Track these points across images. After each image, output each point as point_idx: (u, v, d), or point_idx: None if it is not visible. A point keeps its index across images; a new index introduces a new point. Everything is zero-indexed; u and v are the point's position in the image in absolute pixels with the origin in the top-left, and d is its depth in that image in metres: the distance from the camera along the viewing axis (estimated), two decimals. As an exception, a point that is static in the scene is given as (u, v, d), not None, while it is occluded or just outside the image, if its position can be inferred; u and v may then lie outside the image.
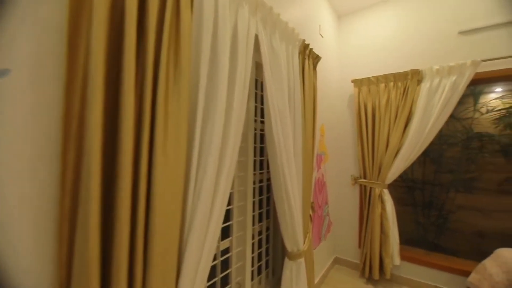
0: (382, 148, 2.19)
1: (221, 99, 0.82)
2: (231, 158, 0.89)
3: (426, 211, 2.87)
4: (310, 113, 1.61)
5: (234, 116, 0.88)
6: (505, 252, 1.59)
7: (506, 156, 2.56)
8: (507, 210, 2.57)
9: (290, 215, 1.30)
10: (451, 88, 1.92)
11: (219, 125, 0.81)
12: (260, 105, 1.49)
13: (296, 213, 1.32)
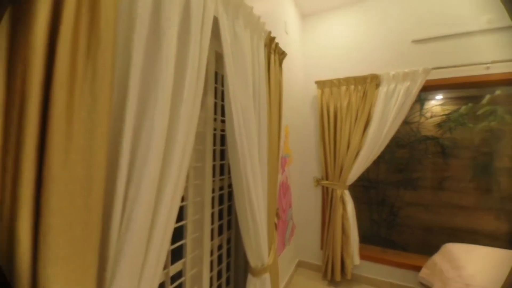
0: (344, 150, 2.20)
1: (163, 92, 0.61)
2: (180, 165, 0.69)
3: (380, 209, 3.06)
4: (276, 113, 1.48)
5: (183, 113, 0.68)
6: (452, 248, 1.71)
7: (445, 157, 2.87)
8: (445, 206, 2.88)
9: (253, 227, 1.15)
10: (405, 93, 2.02)
11: (160, 125, 0.60)
12: (221, 101, 1.31)
13: (260, 224, 1.17)
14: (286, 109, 2.06)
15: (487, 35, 1.90)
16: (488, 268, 1.41)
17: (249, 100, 1.09)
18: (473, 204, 2.80)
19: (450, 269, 1.55)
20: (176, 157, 0.66)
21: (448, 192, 2.90)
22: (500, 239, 2.61)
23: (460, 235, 2.75)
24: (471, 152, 2.78)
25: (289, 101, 2.17)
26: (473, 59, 1.90)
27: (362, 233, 2.89)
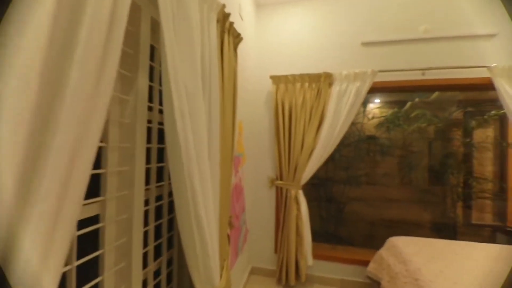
0: (298, 148, 2.13)
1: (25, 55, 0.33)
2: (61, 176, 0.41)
3: (328, 206, 3.17)
4: (230, 104, 1.26)
5: (71, 89, 0.40)
6: (397, 242, 1.80)
7: (383, 155, 3.14)
8: (383, 200, 3.17)
9: (201, 244, 0.90)
10: (356, 93, 2.07)
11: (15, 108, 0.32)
12: (159, 85, 1.01)
13: (210, 240, 0.93)
14: (239, 104, 1.86)
15: (424, 43, 2.09)
16: (431, 260, 1.50)
17: (196, 82, 0.84)
18: (404, 197, 3.16)
19: (397, 264, 1.61)
20: (57, 163, 0.37)
21: (385, 187, 3.20)
22: (425, 227, 3.01)
23: (396, 226, 3.05)
24: (404, 151, 3.13)
25: (242, 95, 1.97)
26: (412, 65, 2.06)
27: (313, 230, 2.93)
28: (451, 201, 2.88)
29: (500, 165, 2.93)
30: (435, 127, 3.00)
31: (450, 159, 2.93)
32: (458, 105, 3.07)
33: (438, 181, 3.00)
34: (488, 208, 2.99)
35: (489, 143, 2.95)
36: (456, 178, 2.92)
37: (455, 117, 3.07)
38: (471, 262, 1.48)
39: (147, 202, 0.98)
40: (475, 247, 1.71)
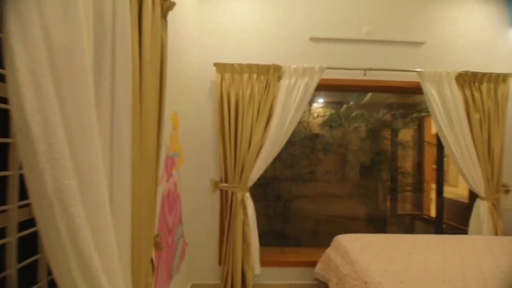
0: (245, 146, 1.92)
1: None
2: None
3: (275, 204, 3.08)
4: (154, 88, 0.94)
5: None
6: (342, 240, 1.77)
7: (326, 153, 3.23)
8: (327, 196, 3.26)
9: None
10: (304, 89, 1.98)
11: None
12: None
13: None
14: (175, 92, 1.52)
15: (366, 44, 2.15)
16: (375, 257, 1.49)
17: (74, 38, 0.50)
18: (343, 193, 3.33)
19: (344, 264, 1.56)
20: None
21: (327, 184, 3.31)
22: (362, 220, 3.23)
23: (338, 221, 3.18)
24: (344, 149, 3.29)
25: (182, 81, 1.64)
26: (356, 65, 2.09)
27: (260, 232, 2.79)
28: (382, 195, 3.16)
29: (419, 161, 3.37)
30: (368, 127, 3.24)
31: (381, 156, 3.21)
32: (387, 108, 3.41)
33: (372, 176, 3.25)
34: (410, 199, 3.42)
35: (411, 142, 3.37)
36: (386, 173, 3.22)
37: (385, 118, 3.40)
38: (409, 255, 1.53)
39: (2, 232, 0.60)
40: (408, 239, 1.81)
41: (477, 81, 2.09)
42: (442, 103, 2.07)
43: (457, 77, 2.06)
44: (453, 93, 2.06)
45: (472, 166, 2.05)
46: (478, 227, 2.06)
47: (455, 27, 2.23)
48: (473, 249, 1.66)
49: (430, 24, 2.20)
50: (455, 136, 2.06)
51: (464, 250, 1.63)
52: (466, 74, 2.06)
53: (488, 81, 2.09)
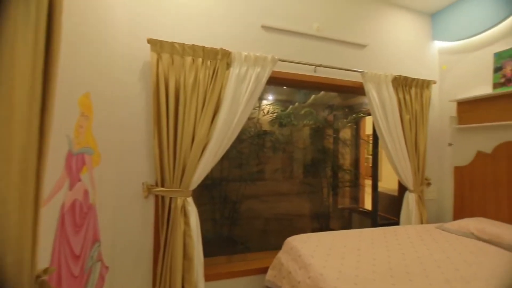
0: (187, 142, 1.62)
1: None
2: None
3: (222, 207, 2.83)
4: (30, 44, 0.58)
5: None
6: (294, 243, 1.65)
7: (275, 151, 3.15)
8: (276, 194, 3.19)
9: None
10: (256, 80, 1.79)
11: None
12: None
13: None
14: (88, 67, 1.11)
15: (317, 41, 2.11)
16: (327, 258, 1.41)
17: None
18: (291, 190, 3.33)
19: (298, 270, 1.44)
20: None
21: (276, 182, 3.24)
22: (309, 216, 3.28)
23: (287, 219, 3.14)
24: (292, 147, 3.28)
25: (97, 55, 1.22)
26: (307, 60, 2.03)
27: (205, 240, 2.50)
28: (326, 191, 3.28)
29: (356, 158, 3.65)
30: (315, 126, 3.32)
31: (325, 154, 3.33)
32: (329, 109, 3.58)
33: (317, 173, 3.35)
34: (348, 194, 3.68)
35: (350, 140, 3.61)
36: (329, 170, 3.36)
37: (328, 118, 3.55)
38: (357, 252, 1.52)
39: None
40: (354, 235, 1.83)
41: (408, 85, 2.30)
42: (381, 103, 2.20)
43: (393, 80, 2.23)
44: (390, 95, 2.21)
45: (404, 161, 2.24)
46: (407, 217, 2.28)
47: (392, 34, 2.42)
48: (408, 238, 1.78)
49: (372, 29, 2.33)
50: (390, 134, 2.22)
51: (402, 240, 1.73)
52: (400, 78, 2.24)
53: (416, 86, 2.33)
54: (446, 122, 2.48)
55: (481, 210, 2.11)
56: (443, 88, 2.52)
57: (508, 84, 1.95)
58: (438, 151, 2.53)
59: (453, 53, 2.44)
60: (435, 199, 2.52)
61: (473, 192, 2.20)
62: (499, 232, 1.67)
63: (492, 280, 1.21)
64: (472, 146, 2.23)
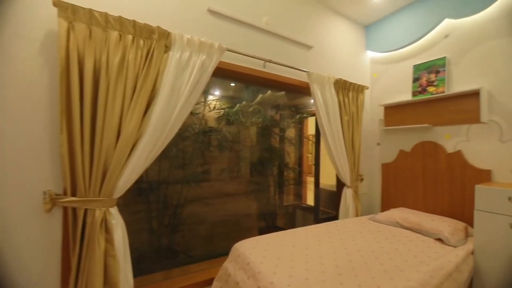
0: (110, 139, 1.29)
1: None
2: None
3: (161, 214, 2.48)
4: None
5: None
6: (241, 249, 1.52)
7: (222, 150, 2.97)
8: (223, 196, 3.00)
9: None
10: (201, 69, 1.58)
11: None
12: None
13: None
14: None
15: (266, 35, 2.03)
16: (277, 263, 1.32)
17: None
18: (239, 190, 3.20)
19: (246, 280, 1.31)
20: None
21: (222, 183, 3.06)
22: (256, 216, 3.21)
23: (234, 220, 2.99)
24: (239, 145, 3.15)
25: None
26: (256, 54, 1.92)
27: (138, 253, 2.14)
28: (273, 189, 3.29)
29: (299, 156, 3.79)
30: (263, 124, 3.29)
31: (272, 152, 3.34)
32: (275, 109, 3.61)
33: (264, 172, 3.32)
34: (292, 191, 3.79)
35: (294, 139, 3.73)
36: (276, 168, 3.38)
37: (275, 117, 3.58)
38: (305, 251, 1.49)
39: None
40: (301, 233, 1.83)
41: (347, 88, 2.46)
42: (324, 103, 2.29)
43: (334, 82, 2.34)
44: (332, 96, 2.32)
45: (343, 159, 2.39)
46: (345, 211, 2.44)
47: (334, 39, 2.55)
48: (348, 232, 1.87)
49: (317, 32, 2.40)
50: (332, 133, 2.33)
51: (343, 235, 1.81)
52: (340, 81, 2.37)
53: (353, 90, 2.51)
54: (376, 124, 2.77)
55: (403, 201, 2.43)
56: (373, 94, 2.81)
57: (423, 93, 2.28)
58: (369, 150, 2.81)
59: (382, 63, 2.75)
60: (366, 193, 2.79)
61: (396, 186, 2.51)
62: (418, 220, 1.91)
63: (420, 267, 1.34)
64: (396, 145, 2.55)
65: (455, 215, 2.00)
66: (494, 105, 1.85)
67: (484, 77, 1.91)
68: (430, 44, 2.28)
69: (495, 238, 1.49)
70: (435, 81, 2.20)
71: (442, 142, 2.17)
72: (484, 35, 1.93)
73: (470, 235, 1.80)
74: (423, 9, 2.29)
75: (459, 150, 2.05)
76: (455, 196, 2.04)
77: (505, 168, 1.78)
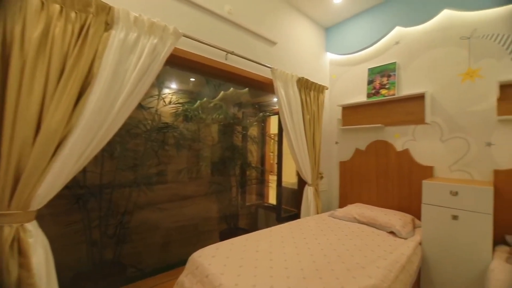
0: (25, 135, 1.00)
1: None
2: None
3: (104, 223, 2.13)
4: None
5: None
6: (200, 259, 1.36)
7: (179, 149, 2.71)
8: (181, 199, 2.74)
9: None
10: (151, 54, 1.36)
11: None
12: None
13: None
14: None
15: (228, 25, 1.88)
16: (240, 273, 1.21)
17: None
18: (199, 192, 2.98)
19: (205, 296, 1.16)
20: None
21: (181, 185, 2.81)
22: (218, 218, 3.03)
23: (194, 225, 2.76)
24: (200, 144, 2.93)
25: None
26: (218, 43, 1.77)
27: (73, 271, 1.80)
28: (235, 189, 3.16)
29: (262, 155, 3.75)
30: (224, 122, 3.13)
31: (234, 151, 3.21)
32: (237, 107, 3.49)
33: (226, 171, 3.17)
34: (255, 190, 3.72)
35: (257, 138, 3.66)
36: (239, 168, 3.26)
37: (237, 116, 3.45)
38: (269, 255, 1.41)
39: None
40: (264, 235, 1.75)
41: (308, 88, 2.48)
42: (288, 101, 2.25)
43: (297, 81, 2.32)
44: (295, 94, 2.30)
45: (305, 157, 2.40)
46: (307, 208, 2.46)
47: (297, 38, 2.54)
48: (310, 231, 1.86)
49: (281, 28, 2.35)
50: (295, 132, 2.31)
51: (306, 234, 1.78)
52: (303, 79, 2.37)
53: (314, 89, 2.54)
54: (334, 124, 2.87)
55: (359, 196, 2.55)
56: (332, 94, 2.91)
57: (377, 95, 2.42)
58: (328, 148, 2.90)
59: (340, 65, 2.85)
60: (326, 190, 2.87)
61: (353, 182, 2.63)
62: (373, 215, 2.01)
63: (379, 262, 1.37)
64: (352, 144, 2.67)
65: (403, 208, 2.17)
66: (436, 108, 2.05)
67: (428, 82, 2.11)
68: (383, 50, 2.44)
69: (440, 229, 1.63)
70: (387, 84, 2.36)
71: (392, 141, 2.33)
72: (428, 43, 2.12)
73: (417, 226, 1.96)
74: (378, 16, 2.43)
75: (406, 148, 2.23)
76: (403, 191, 2.21)
77: (445, 164, 1.99)
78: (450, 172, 1.97)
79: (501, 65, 1.73)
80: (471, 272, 1.50)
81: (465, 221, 1.53)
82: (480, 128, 1.83)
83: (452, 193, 1.59)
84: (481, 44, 1.83)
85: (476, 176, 1.84)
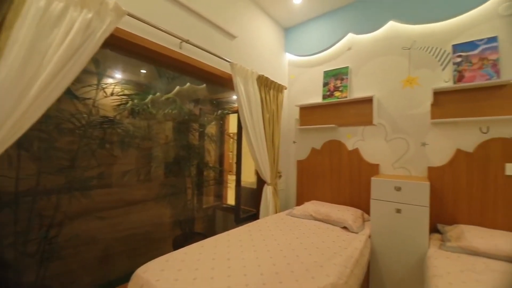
0: None
1: None
2: None
3: (21, 239, 1.72)
4: None
5: None
6: (148, 275, 1.17)
7: (125, 148, 2.38)
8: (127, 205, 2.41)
9: None
10: (85, 31, 1.12)
11: None
12: None
13: None
14: None
15: (184, 11, 1.71)
16: (195, 283, 1.07)
17: None
18: (148, 196, 2.67)
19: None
20: None
21: (126, 189, 2.47)
22: (170, 224, 2.77)
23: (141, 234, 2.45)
24: (150, 142, 2.64)
25: None
26: (172, 29, 1.58)
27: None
28: (191, 191, 2.95)
29: (220, 154, 3.60)
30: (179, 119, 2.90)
31: (190, 150, 3.00)
32: (194, 103, 3.28)
33: (181, 172, 2.94)
34: (213, 191, 3.55)
35: (215, 137, 3.50)
36: (195, 168, 3.06)
37: (194, 112, 3.24)
38: (227, 262, 1.31)
39: None
40: (222, 241, 1.63)
41: (268, 86, 2.45)
42: (247, 98, 2.18)
43: (257, 78, 2.27)
44: (255, 92, 2.25)
45: (264, 156, 2.36)
46: (266, 208, 2.43)
47: (257, 35, 2.49)
48: (269, 231, 1.82)
49: (242, 22, 2.27)
50: (254, 130, 2.25)
51: (266, 235, 1.73)
52: (263, 77, 2.33)
53: (274, 88, 2.53)
54: (292, 123, 2.92)
55: (314, 194, 2.64)
56: (290, 94, 2.95)
57: (331, 97, 2.53)
58: (286, 148, 2.93)
59: (298, 66, 2.91)
60: (284, 189, 2.90)
61: (309, 181, 2.71)
62: (327, 211, 2.08)
63: (335, 259, 1.39)
64: (309, 143, 2.75)
65: (354, 203, 2.31)
66: (382, 110, 2.24)
67: (376, 87, 2.29)
68: (337, 54, 2.56)
69: (386, 222, 1.76)
70: (340, 87, 2.49)
71: (345, 141, 2.47)
72: (376, 51, 2.30)
73: (366, 220, 2.10)
74: (334, 20, 2.54)
75: (356, 148, 2.38)
76: (353, 187, 2.36)
77: (388, 162, 2.18)
78: (393, 169, 2.16)
79: (434, 75, 1.98)
80: (412, 260, 1.65)
81: (407, 213, 1.69)
82: (417, 130, 2.05)
83: (396, 188, 1.73)
84: (419, 55, 2.06)
85: (413, 172, 2.06)
